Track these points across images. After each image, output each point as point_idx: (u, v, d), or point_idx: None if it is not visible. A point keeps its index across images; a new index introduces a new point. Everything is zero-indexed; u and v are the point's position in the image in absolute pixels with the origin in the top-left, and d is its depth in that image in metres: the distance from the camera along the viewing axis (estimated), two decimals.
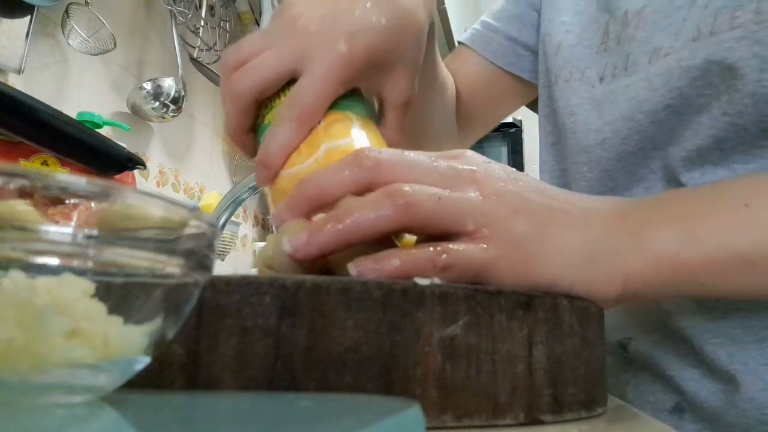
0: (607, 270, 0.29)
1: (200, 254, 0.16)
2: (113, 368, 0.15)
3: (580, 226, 0.29)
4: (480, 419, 0.21)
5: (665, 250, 0.29)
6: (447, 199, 0.26)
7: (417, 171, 0.27)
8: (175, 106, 1.32)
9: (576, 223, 0.29)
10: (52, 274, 0.13)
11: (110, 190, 0.14)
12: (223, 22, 1.52)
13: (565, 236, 0.28)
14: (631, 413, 0.29)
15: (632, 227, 0.30)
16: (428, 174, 0.27)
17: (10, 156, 0.83)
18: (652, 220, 0.30)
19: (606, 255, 0.29)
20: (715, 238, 0.29)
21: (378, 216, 0.25)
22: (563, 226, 0.28)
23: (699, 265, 0.29)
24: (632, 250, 0.29)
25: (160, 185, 1.40)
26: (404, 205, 0.25)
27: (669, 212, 0.31)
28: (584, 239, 0.29)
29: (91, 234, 0.14)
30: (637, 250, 0.29)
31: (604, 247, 0.29)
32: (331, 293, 0.21)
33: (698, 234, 0.29)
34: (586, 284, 0.28)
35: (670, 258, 0.29)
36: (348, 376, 0.20)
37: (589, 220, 0.29)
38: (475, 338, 0.22)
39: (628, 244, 0.29)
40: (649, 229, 0.30)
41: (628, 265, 0.29)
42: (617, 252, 0.29)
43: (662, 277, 0.29)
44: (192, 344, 0.20)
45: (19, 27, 0.96)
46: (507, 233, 0.27)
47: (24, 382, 0.13)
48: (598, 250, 0.29)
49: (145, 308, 0.15)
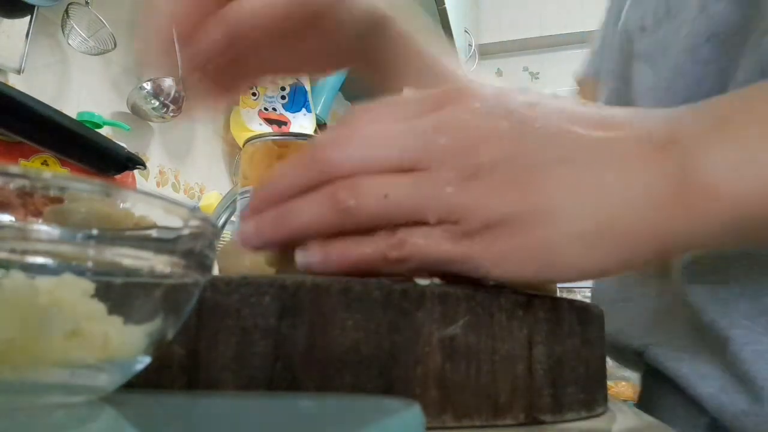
0: (635, 241, 0.22)
1: (200, 254, 0.16)
2: (113, 368, 0.15)
3: (593, 176, 0.22)
4: (480, 419, 0.21)
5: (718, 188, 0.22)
6: (396, 196, 0.22)
7: (372, 156, 0.23)
8: (175, 106, 1.32)
9: (594, 177, 0.22)
10: (52, 274, 0.13)
11: (110, 190, 0.14)
12: None
13: (575, 204, 0.22)
14: (632, 413, 0.29)
15: (678, 162, 0.22)
16: (387, 156, 0.23)
17: (10, 156, 0.83)
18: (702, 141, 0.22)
19: (635, 220, 0.22)
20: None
21: (319, 221, 0.23)
22: (566, 184, 0.22)
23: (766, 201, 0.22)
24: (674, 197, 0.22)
25: (160, 185, 1.40)
26: (344, 209, 0.23)
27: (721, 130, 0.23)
28: (595, 198, 0.22)
29: (91, 234, 0.14)
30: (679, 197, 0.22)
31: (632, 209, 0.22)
32: (331, 293, 0.21)
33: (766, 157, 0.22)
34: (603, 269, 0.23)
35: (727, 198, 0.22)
36: (348, 376, 0.20)
37: (613, 163, 0.22)
38: (475, 338, 0.22)
39: (671, 194, 0.22)
40: (697, 156, 0.22)
41: (669, 225, 0.22)
42: (655, 210, 0.22)
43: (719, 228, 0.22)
44: (192, 344, 0.20)
45: (19, 27, 0.96)
46: (483, 219, 0.22)
47: (24, 382, 0.13)
48: (610, 211, 0.22)
49: (145, 308, 0.15)
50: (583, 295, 2.33)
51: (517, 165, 0.22)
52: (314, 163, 0.24)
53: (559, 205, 0.22)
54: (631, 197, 0.22)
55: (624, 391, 1.78)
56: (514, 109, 0.23)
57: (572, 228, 0.22)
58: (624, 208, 0.22)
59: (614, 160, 0.22)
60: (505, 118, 0.23)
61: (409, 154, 0.23)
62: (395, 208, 0.23)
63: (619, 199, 0.22)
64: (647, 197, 0.22)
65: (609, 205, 0.22)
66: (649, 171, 0.22)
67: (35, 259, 0.13)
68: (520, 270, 0.22)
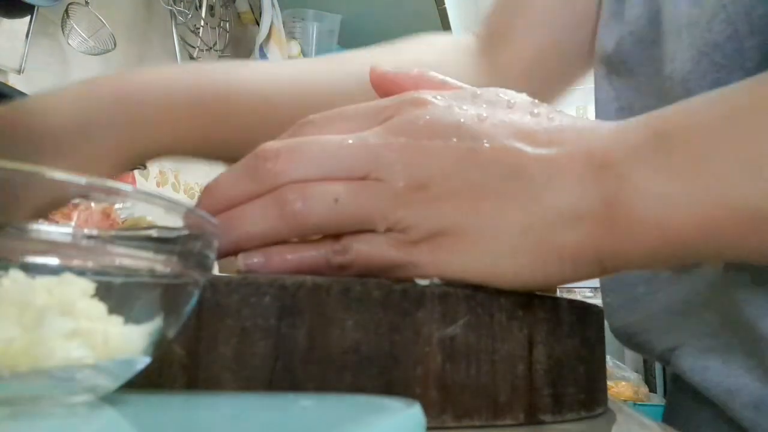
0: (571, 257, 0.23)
1: (200, 254, 0.16)
2: (113, 368, 0.15)
3: (532, 192, 0.23)
4: (480, 419, 0.21)
5: (646, 218, 0.22)
6: (345, 203, 0.23)
7: (321, 169, 0.23)
8: None
9: (532, 195, 0.23)
10: (52, 274, 0.13)
11: (110, 190, 0.14)
12: (223, 22, 1.51)
13: (507, 212, 0.22)
14: (631, 413, 0.29)
15: (608, 188, 0.22)
16: (337, 168, 0.23)
17: None
18: (635, 169, 0.22)
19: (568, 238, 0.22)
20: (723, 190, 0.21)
21: (264, 225, 0.23)
22: (509, 198, 0.23)
23: (699, 233, 0.22)
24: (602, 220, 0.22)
25: (160, 185, 1.40)
26: (291, 215, 0.23)
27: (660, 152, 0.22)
28: (533, 212, 0.22)
29: (91, 234, 0.14)
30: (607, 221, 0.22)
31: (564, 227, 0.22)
32: (331, 293, 0.21)
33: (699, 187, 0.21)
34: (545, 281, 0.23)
35: (653, 228, 0.22)
36: (348, 376, 0.20)
37: (552, 182, 0.23)
38: (475, 338, 0.22)
39: (602, 217, 0.22)
40: (629, 184, 0.22)
41: (601, 245, 0.22)
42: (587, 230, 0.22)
43: (651, 254, 0.23)
44: (192, 344, 0.20)
45: (19, 27, 0.96)
46: (429, 229, 0.23)
47: (24, 382, 0.13)
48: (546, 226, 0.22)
49: (145, 308, 0.15)
50: (583, 296, 2.34)
51: (464, 180, 0.23)
52: (259, 174, 0.24)
53: (497, 219, 0.23)
54: (565, 215, 0.22)
55: (624, 391, 1.78)
56: (463, 124, 0.23)
57: (511, 241, 0.23)
58: (557, 225, 0.22)
59: (552, 179, 0.23)
60: (455, 134, 0.23)
61: (360, 166, 0.23)
62: (344, 213, 0.23)
63: (554, 217, 0.22)
64: (579, 218, 0.22)
65: (543, 221, 0.22)
66: (582, 192, 0.22)
67: (35, 259, 0.13)
68: (463, 278, 0.23)
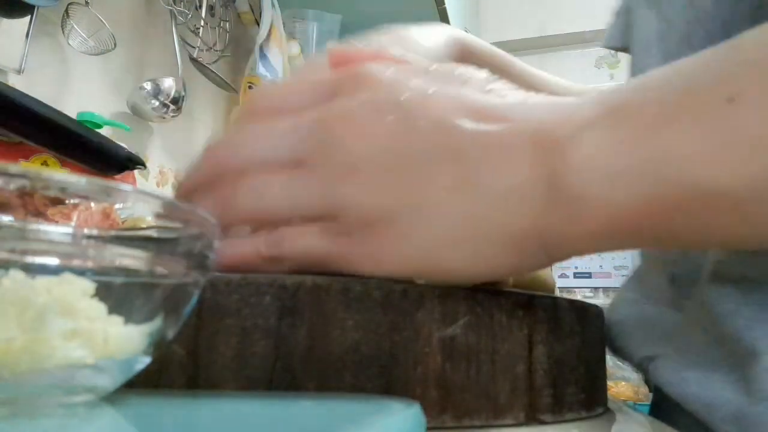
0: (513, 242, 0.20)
1: (200, 254, 0.16)
2: (113, 368, 0.15)
3: (468, 173, 0.20)
4: (480, 419, 0.21)
5: (590, 196, 0.19)
6: (271, 195, 0.22)
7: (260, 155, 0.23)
8: (175, 106, 1.32)
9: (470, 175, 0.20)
10: (52, 274, 0.13)
11: (110, 190, 0.14)
12: (223, 22, 1.51)
13: (442, 196, 0.21)
14: (631, 413, 0.29)
15: (552, 165, 0.20)
16: (274, 156, 0.23)
17: (10, 156, 0.83)
18: (581, 144, 0.20)
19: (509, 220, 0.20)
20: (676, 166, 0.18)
21: None
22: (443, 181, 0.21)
23: (646, 212, 0.19)
24: (545, 201, 0.20)
25: (160, 185, 1.40)
26: (226, 206, 0.23)
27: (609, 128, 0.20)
28: (470, 196, 0.20)
29: (91, 234, 0.14)
30: (550, 202, 0.20)
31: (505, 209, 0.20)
32: (331, 293, 0.21)
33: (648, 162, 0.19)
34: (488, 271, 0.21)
35: (599, 206, 0.19)
36: (348, 376, 0.20)
37: (491, 160, 0.20)
38: (475, 338, 0.22)
39: (545, 197, 0.20)
40: (573, 160, 0.20)
41: (545, 227, 0.20)
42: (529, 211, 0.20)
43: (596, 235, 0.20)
44: (192, 344, 0.20)
45: (19, 27, 0.96)
46: (359, 217, 0.21)
47: (24, 382, 0.13)
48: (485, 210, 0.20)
49: (145, 308, 0.15)
50: (583, 295, 2.33)
51: (395, 162, 0.21)
52: (206, 162, 0.25)
53: (434, 204, 0.21)
54: (506, 197, 0.20)
55: (624, 391, 1.78)
56: (403, 102, 0.22)
57: (446, 229, 0.21)
58: (498, 208, 0.20)
59: (492, 157, 0.20)
60: (392, 111, 0.22)
61: (296, 152, 0.23)
62: (271, 206, 0.23)
63: (493, 198, 0.20)
64: (521, 198, 0.20)
65: (483, 205, 0.20)
66: (524, 170, 0.20)
67: (35, 259, 0.13)
68: (398, 271, 0.21)
